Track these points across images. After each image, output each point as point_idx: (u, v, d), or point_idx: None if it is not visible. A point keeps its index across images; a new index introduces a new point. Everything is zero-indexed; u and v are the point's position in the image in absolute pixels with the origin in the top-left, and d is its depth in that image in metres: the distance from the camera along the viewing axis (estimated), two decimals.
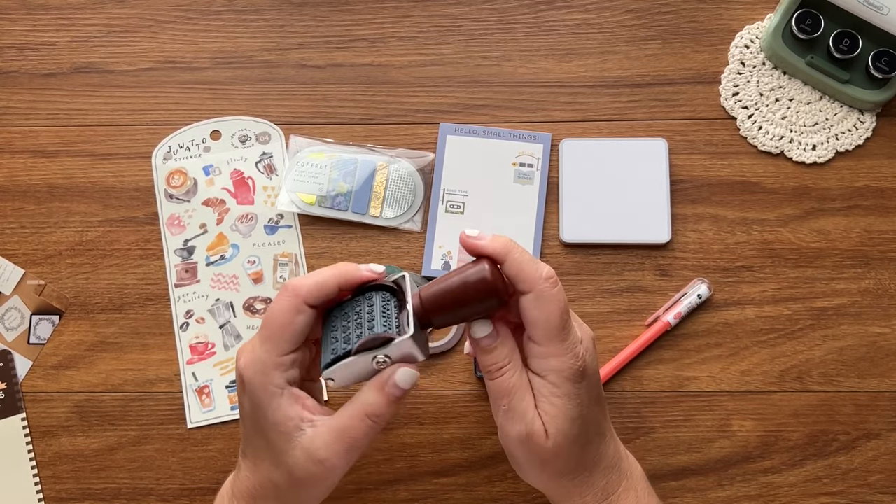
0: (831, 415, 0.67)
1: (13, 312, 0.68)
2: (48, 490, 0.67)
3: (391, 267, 0.68)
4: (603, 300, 0.68)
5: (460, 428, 0.67)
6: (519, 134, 0.69)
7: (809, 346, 0.67)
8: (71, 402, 0.68)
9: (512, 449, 0.53)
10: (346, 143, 0.70)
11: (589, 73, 0.70)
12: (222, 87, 0.70)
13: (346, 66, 0.71)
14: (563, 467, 0.52)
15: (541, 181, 0.69)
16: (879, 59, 0.67)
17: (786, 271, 0.68)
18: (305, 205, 0.68)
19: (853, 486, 0.66)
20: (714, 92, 0.70)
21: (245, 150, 0.70)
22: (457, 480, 0.67)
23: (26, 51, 0.71)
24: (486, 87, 0.70)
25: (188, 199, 0.70)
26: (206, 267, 0.69)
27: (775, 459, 0.66)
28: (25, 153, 0.70)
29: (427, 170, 0.69)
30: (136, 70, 0.71)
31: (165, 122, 0.70)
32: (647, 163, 0.68)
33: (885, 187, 0.69)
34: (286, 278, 0.69)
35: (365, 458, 0.67)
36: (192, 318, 0.68)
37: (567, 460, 0.52)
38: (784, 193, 0.69)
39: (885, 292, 0.68)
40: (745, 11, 0.71)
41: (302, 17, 0.71)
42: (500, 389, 0.51)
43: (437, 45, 0.71)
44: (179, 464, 0.67)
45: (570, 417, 0.51)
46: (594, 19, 0.71)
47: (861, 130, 0.69)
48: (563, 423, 0.51)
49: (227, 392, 0.68)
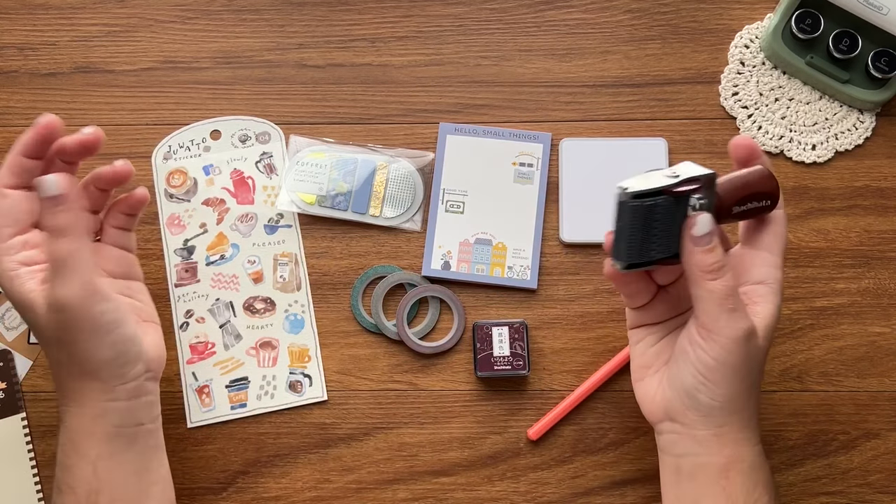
0: (831, 414, 0.67)
1: (13, 312, 0.68)
2: (48, 490, 0.67)
3: (390, 267, 0.68)
4: (603, 300, 0.68)
5: (460, 428, 0.67)
6: (519, 134, 0.69)
7: (809, 345, 0.67)
8: None
9: (729, 353, 0.53)
10: (346, 143, 0.70)
11: (589, 73, 0.70)
12: (222, 87, 0.71)
13: (346, 66, 0.71)
14: (758, 380, 0.55)
15: (540, 181, 0.69)
16: (879, 58, 0.67)
17: (785, 271, 0.68)
18: (305, 204, 0.69)
19: (852, 485, 0.66)
20: (714, 92, 0.70)
21: (245, 149, 0.70)
22: (457, 480, 0.67)
23: (26, 50, 0.71)
24: (485, 87, 0.70)
25: (188, 199, 0.70)
26: (206, 266, 0.69)
27: (775, 459, 0.66)
28: None
29: (427, 169, 0.69)
30: (137, 70, 0.71)
31: (165, 122, 0.70)
32: (647, 163, 0.68)
33: (885, 187, 0.69)
34: (286, 278, 0.69)
35: (365, 457, 0.67)
36: (191, 317, 0.68)
37: (760, 373, 0.55)
38: (784, 193, 0.68)
39: (884, 292, 0.68)
40: (745, 11, 0.71)
41: (302, 17, 0.71)
42: (725, 290, 0.52)
43: (437, 45, 0.71)
44: (179, 463, 0.67)
45: (773, 327, 0.55)
46: (594, 19, 0.71)
47: (861, 130, 0.69)
48: (769, 330, 0.54)
49: (227, 392, 0.68)
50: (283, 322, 0.68)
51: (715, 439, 0.55)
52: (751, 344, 0.53)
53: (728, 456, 0.55)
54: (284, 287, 0.69)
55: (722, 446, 0.55)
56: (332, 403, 0.68)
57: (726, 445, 0.55)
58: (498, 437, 0.67)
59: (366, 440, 0.67)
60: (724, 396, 0.54)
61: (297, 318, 0.68)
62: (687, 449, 0.56)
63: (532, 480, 0.67)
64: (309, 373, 0.68)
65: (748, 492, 0.55)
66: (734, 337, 0.52)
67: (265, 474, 0.67)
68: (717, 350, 0.53)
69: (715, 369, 0.53)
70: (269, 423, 0.68)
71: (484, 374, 0.66)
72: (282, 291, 0.69)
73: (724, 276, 0.52)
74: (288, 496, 0.67)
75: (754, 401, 0.55)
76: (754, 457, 0.55)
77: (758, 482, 0.55)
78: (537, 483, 0.67)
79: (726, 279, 0.52)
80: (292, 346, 0.68)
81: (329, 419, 0.68)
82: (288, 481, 0.67)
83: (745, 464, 0.55)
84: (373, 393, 0.68)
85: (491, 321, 0.66)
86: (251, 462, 0.67)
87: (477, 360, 0.66)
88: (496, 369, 0.66)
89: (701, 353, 0.53)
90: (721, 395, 0.54)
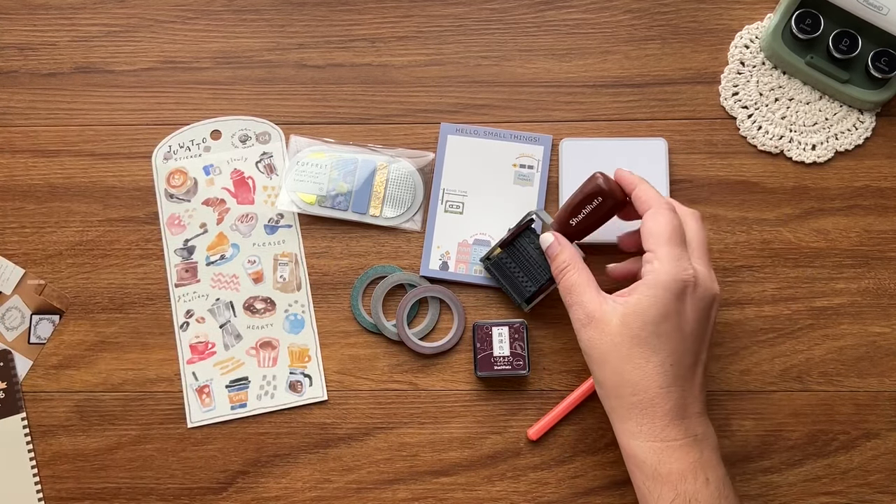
0: (831, 414, 0.67)
1: (13, 312, 0.68)
2: (48, 490, 0.67)
3: (390, 267, 0.68)
4: None
5: (460, 428, 0.67)
6: (520, 135, 0.69)
7: (809, 345, 0.67)
8: (71, 401, 0.68)
9: (580, 340, 0.58)
10: (346, 143, 0.70)
11: (589, 73, 0.70)
12: (222, 87, 0.71)
13: (346, 66, 0.71)
14: (622, 369, 0.56)
15: (540, 183, 0.69)
16: (879, 58, 0.67)
17: (785, 271, 0.68)
18: (305, 204, 0.69)
19: (853, 485, 0.66)
20: (714, 92, 0.70)
21: (245, 149, 0.70)
22: (457, 480, 0.67)
23: (27, 51, 0.71)
24: (485, 87, 0.70)
25: (188, 199, 0.70)
26: (207, 266, 0.69)
27: (775, 459, 0.66)
28: (26, 153, 0.70)
29: (427, 170, 0.69)
30: (137, 70, 0.71)
31: (166, 122, 0.70)
32: (647, 162, 0.68)
33: (885, 187, 0.69)
34: (286, 278, 0.69)
35: (365, 457, 0.67)
36: (192, 317, 0.68)
37: (626, 362, 0.55)
38: (784, 193, 0.69)
39: (884, 292, 0.68)
40: (745, 11, 0.71)
41: (302, 17, 0.71)
42: (564, 288, 0.60)
43: (437, 45, 0.71)
44: (179, 463, 0.67)
45: (643, 315, 0.55)
46: (594, 19, 0.71)
47: (861, 130, 0.69)
48: (633, 316, 0.55)
49: (227, 391, 0.68)
50: (283, 322, 0.68)
51: (614, 429, 0.59)
52: (592, 330, 0.57)
53: (624, 451, 0.58)
54: (284, 287, 0.69)
55: (618, 437, 0.58)
56: (332, 403, 0.68)
57: (618, 437, 0.58)
58: (498, 437, 0.67)
59: (366, 440, 0.67)
60: (595, 381, 0.59)
61: (298, 318, 0.68)
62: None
63: (532, 480, 0.67)
64: (309, 373, 0.68)
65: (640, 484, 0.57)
66: (575, 328, 0.59)
67: (265, 474, 0.67)
68: (578, 338, 0.59)
69: (584, 356, 0.59)
70: (270, 423, 0.68)
71: (484, 374, 0.66)
72: (282, 291, 0.69)
73: (565, 277, 0.60)
74: (288, 496, 0.67)
75: (627, 387, 0.56)
76: (645, 453, 0.56)
77: (635, 476, 0.57)
78: (537, 483, 0.67)
79: (566, 279, 0.60)
80: (292, 346, 0.68)
81: (329, 419, 0.68)
82: (288, 481, 0.67)
83: (637, 458, 0.56)
84: (373, 393, 0.68)
85: (491, 321, 0.66)
86: (251, 462, 0.67)
87: (477, 360, 0.66)
88: (496, 369, 0.66)
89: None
90: (595, 379, 0.59)
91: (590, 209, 0.61)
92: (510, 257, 0.65)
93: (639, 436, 0.56)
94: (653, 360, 0.55)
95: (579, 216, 0.61)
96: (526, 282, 0.65)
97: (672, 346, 0.55)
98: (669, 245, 0.56)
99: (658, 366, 0.55)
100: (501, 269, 0.66)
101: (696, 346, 0.57)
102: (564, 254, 0.60)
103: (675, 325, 0.55)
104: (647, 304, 0.55)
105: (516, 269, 0.65)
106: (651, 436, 0.55)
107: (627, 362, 0.55)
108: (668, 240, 0.56)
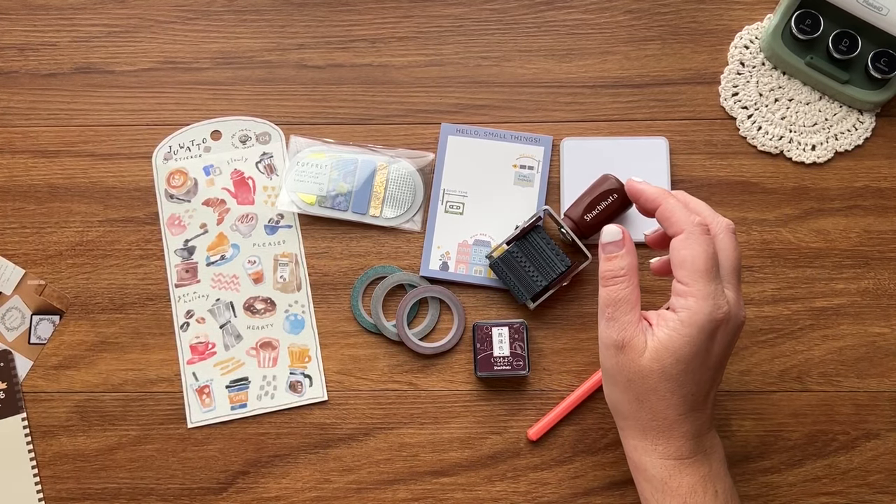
0: (830, 415, 0.67)
1: (14, 312, 0.68)
2: (48, 490, 0.67)
3: (390, 267, 0.68)
4: None
5: (460, 428, 0.67)
6: (520, 136, 0.69)
7: (809, 345, 0.67)
8: (71, 401, 0.68)
9: (605, 358, 0.55)
10: (346, 143, 0.70)
11: (589, 73, 0.70)
12: (222, 88, 0.71)
13: (346, 67, 0.71)
14: (645, 398, 0.54)
15: (541, 183, 0.69)
16: (879, 59, 0.67)
17: (785, 271, 0.68)
18: (305, 205, 0.69)
19: (852, 485, 0.66)
20: (713, 92, 0.70)
21: (245, 150, 0.70)
22: (457, 480, 0.67)
23: (27, 51, 0.71)
24: (485, 87, 0.70)
25: (188, 200, 0.70)
26: (207, 267, 0.69)
27: (774, 459, 0.66)
28: (26, 153, 0.70)
29: (427, 170, 0.69)
30: (137, 70, 0.71)
31: (166, 122, 0.70)
32: (648, 161, 0.68)
33: (885, 187, 0.69)
34: (286, 278, 0.69)
35: (365, 458, 0.67)
36: (192, 317, 0.68)
37: (651, 393, 0.54)
38: (783, 193, 0.69)
39: (884, 292, 0.68)
40: (745, 12, 0.71)
41: (302, 17, 0.71)
42: (608, 297, 0.55)
43: (437, 46, 0.71)
44: (179, 463, 0.67)
45: (676, 353, 0.53)
46: (594, 20, 0.71)
47: (860, 131, 0.69)
48: (666, 353, 0.53)
49: (227, 392, 0.68)
50: (283, 322, 0.68)
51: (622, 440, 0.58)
52: (622, 356, 0.54)
53: (632, 462, 0.57)
54: (285, 287, 0.69)
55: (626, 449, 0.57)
56: (332, 403, 0.68)
57: (626, 449, 0.57)
58: (498, 438, 0.67)
59: (366, 440, 0.67)
60: (609, 398, 0.57)
61: (298, 319, 0.68)
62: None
63: (532, 480, 0.67)
64: (309, 373, 0.68)
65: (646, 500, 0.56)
66: (604, 344, 0.55)
67: (265, 474, 0.67)
68: (601, 352, 0.56)
69: (602, 369, 0.57)
70: (270, 424, 0.68)
71: (484, 374, 0.66)
72: (282, 292, 0.69)
73: (613, 287, 0.54)
74: (288, 496, 0.67)
75: (646, 412, 0.55)
76: (656, 469, 0.55)
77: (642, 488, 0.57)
78: (537, 483, 0.67)
79: (614, 290, 0.54)
80: (292, 346, 0.68)
81: (329, 419, 0.68)
82: (288, 481, 0.67)
83: (648, 473, 0.55)
84: (373, 393, 0.68)
85: (491, 321, 0.66)
86: (251, 462, 0.67)
87: (477, 361, 0.66)
88: (496, 369, 0.66)
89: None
90: (608, 394, 0.57)
91: (604, 205, 0.64)
92: (521, 251, 0.66)
93: (651, 454, 0.55)
94: (678, 392, 0.54)
95: (594, 212, 0.64)
96: (536, 276, 0.65)
97: (697, 378, 0.54)
98: (706, 280, 0.53)
99: (682, 397, 0.54)
100: (510, 263, 0.66)
101: (718, 374, 0.56)
102: (626, 260, 0.55)
103: (704, 360, 0.54)
104: (681, 343, 0.53)
105: (526, 264, 0.66)
106: (664, 455, 0.55)
107: (653, 393, 0.54)
108: (703, 274, 0.53)
